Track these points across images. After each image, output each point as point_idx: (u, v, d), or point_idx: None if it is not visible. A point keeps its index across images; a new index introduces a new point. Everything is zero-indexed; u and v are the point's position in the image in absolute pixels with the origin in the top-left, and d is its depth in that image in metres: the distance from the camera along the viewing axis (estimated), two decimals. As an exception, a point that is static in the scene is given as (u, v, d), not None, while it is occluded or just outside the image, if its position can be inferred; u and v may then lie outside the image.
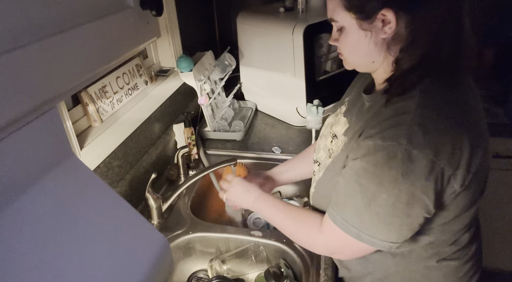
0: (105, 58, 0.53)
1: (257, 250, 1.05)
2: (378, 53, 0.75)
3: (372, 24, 0.72)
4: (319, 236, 0.83)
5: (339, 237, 0.77)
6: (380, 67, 0.78)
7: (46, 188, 0.48)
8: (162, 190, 1.31)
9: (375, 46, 0.74)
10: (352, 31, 0.75)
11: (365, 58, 0.78)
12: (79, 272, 0.46)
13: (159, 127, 1.38)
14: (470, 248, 0.87)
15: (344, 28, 0.76)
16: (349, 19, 0.74)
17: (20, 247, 0.42)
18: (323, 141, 0.96)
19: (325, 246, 0.84)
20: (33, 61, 0.40)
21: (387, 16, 0.70)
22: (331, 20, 0.79)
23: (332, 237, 0.79)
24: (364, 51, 0.76)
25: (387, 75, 0.77)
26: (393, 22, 0.70)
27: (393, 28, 0.71)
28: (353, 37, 0.76)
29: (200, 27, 1.87)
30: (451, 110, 0.71)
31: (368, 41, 0.74)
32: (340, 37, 0.79)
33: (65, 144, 0.53)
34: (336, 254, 0.84)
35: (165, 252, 0.58)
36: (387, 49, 0.74)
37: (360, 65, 0.81)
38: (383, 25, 0.71)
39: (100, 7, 0.52)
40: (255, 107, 1.82)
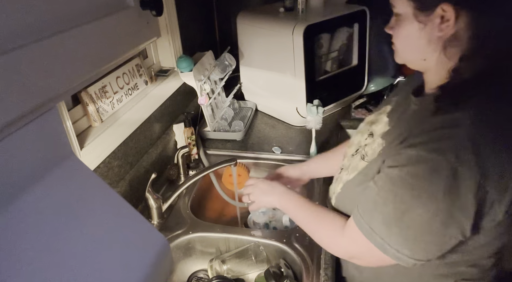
0: (105, 58, 0.53)
1: (257, 250, 1.05)
2: (432, 52, 0.70)
3: (428, 18, 0.67)
4: (341, 239, 0.80)
5: (361, 244, 0.74)
6: (433, 68, 0.73)
7: (46, 188, 0.48)
8: (162, 190, 1.31)
9: (428, 43, 0.69)
10: (407, 21, 0.71)
11: (415, 54, 0.73)
12: (79, 272, 0.46)
13: (159, 127, 1.38)
14: (491, 272, 0.82)
15: (401, 16, 0.72)
16: (407, 7, 0.69)
17: (21, 247, 0.42)
18: (359, 137, 0.93)
19: (345, 250, 0.82)
20: (33, 61, 0.40)
21: (447, 13, 0.65)
22: (392, 5, 0.74)
23: (355, 242, 0.76)
24: (415, 45, 0.71)
25: (441, 79, 0.72)
26: (452, 19, 0.65)
27: (451, 27, 0.65)
28: (406, 27, 0.71)
29: (200, 27, 1.87)
30: (507, 130, 0.65)
31: (420, 35, 0.69)
32: (395, 26, 0.74)
33: (65, 144, 0.53)
34: (355, 259, 0.82)
35: (165, 252, 0.58)
36: (442, 50, 0.69)
37: (411, 61, 0.76)
38: (441, 22, 0.66)
39: (100, 7, 0.52)
40: (255, 107, 1.82)
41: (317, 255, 1.02)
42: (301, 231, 1.08)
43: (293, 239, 1.06)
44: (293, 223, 1.28)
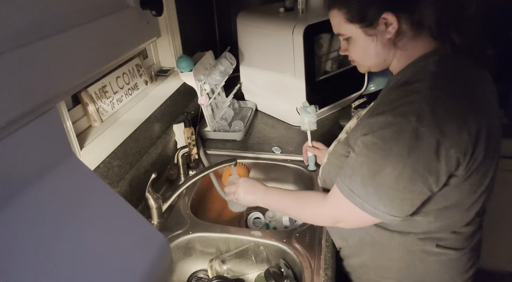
0: (105, 58, 0.53)
1: (257, 250, 1.05)
2: (387, 52, 0.82)
3: (376, 29, 0.79)
4: (323, 206, 0.88)
5: (343, 205, 0.81)
6: (393, 62, 0.84)
7: (46, 188, 0.48)
8: (162, 190, 1.31)
9: (383, 47, 0.81)
10: (359, 39, 0.82)
11: (377, 59, 0.84)
12: (79, 271, 0.46)
13: (159, 127, 1.38)
14: (471, 241, 0.89)
15: (351, 38, 0.84)
16: (354, 30, 0.81)
17: (21, 247, 0.42)
18: (349, 123, 1.02)
19: (329, 215, 0.88)
20: (33, 61, 0.39)
21: (389, 19, 0.76)
22: (338, 34, 0.86)
23: (336, 205, 0.84)
24: (374, 53, 0.83)
25: (402, 65, 0.83)
26: (395, 22, 0.76)
27: (396, 28, 0.77)
28: (361, 44, 0.83)
29: (200, 27, 1.87)
30: (460, 93, 0.75)
31: (375, 44, 0.81)
32: (349, 47, 0.86)
33: (65, 144, 0.53)
34: (340, 223, 0.87)
35: (165, 252, 0.58)
36: (394, 46, 0.80)
37: (374, 66, 0.87)
38: (386, 27, 0.78)
39: (100, 7, 0.52)
40: (255, 107, 1.82)
41: (317, 255, 1.02)
42: (301, 231, 1.08)
43: (293, 239, 1.06)
44: (293, 223, 1.28)
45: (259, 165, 1.48)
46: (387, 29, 0.77)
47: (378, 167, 0.74)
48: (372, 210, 0.77)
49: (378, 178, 0.74)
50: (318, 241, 1.06)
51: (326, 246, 1.04)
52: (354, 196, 0.78)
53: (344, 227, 0.89)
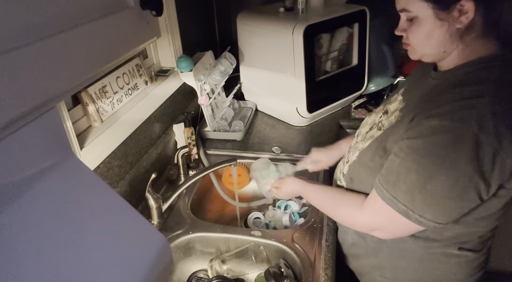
0: (105, 58, 0.53)
1: (257, 250, 1.05)
2: (451, 43, 0.75)
3: (449, 14, 0.72)
4: (361, 212, 0.84)
5: (383, 213, 0.78)
6: (451, 55, 0.77)
7: (46, 188, 0.48)
8: (162, 190, 1.31)
9: (449, 36, 0.74)
10: (427, 21, 0.74)
11: (437, 48, 0.77)
12: (79, 272, 0.46)
13: (159, 127, 1.38)
14: (487, 242, 0.89)
15: (417, 18, 0.75)
16: (425, 9, 0.73)
17: (20, 247, 0.42)
18: (373, 117, 0.97)
19: (366, 222, 0.85)
20: (33, 61, 0.39)
21: (465, 6, 0.70)
22: (402, 10, 0.78)
23: (376, 212, 0.80)
24: (437, 41, 0.75)
25: (457, 63, 0.77)
26: (471, 12, 0.70)
27: (470, 18, 0.70)
28: (427, 27, 0.75)
29: (200, 27, 1.87)
30: None
31: (443, 31, 0.74)
32: (411, 27, 0.77)
33: (65, 144, 0.53)
34: (377, 231, 0.84)
35: (165, 252, 0.58)
36: (460, 39, 0.74)
37: (430, 55, 0.79)
38: (460, 15, 0.71)
39: (100, 7, 0.52)
40: (255, 107, 1.82)
41: (317, 255, 1.02)
42: (301, 231, 1.08)
43: (293, 239, 1.06)
44: (293, 223, 1.28)
45: (259, 165, 1.47)
46: (460, 17, 0.71)
47: (431, 174, 0.70)
48: (417, 218, 0.73)
49: (429, 186, 0.70)
50: (318, 241, 1.06)
51: (326, 246, 1.04)
52: (398, 203, 0.74)
53: (382, 236, 0.85)
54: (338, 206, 0.92)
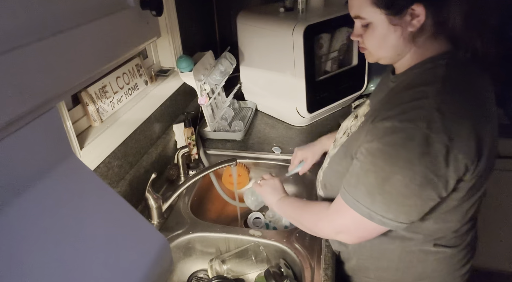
0: (105, 58, 0.53)
1: (257, 250, 1.05)
2: (404, 46, 0.78)
3: (401, 19, 0.74)
4: (326, 217, 0.85)
5: (346, 215, 0.79)
6: (405, 57, 0.80)
7: (46, 188, 0.48)
8: (162, 190, 1.31)
9: (402, 40, 0.77)
10: (380, 27, 0.77)
11: (391, 51, 0.80)
12: (79, 272, 0.46)
13: (159, 127, 1.38)
14: (466, 238, 0.90)
15: (371, 24, 0.78)
16: (378, 15, 0.76)
17: (20, 247, 0.42)
18: (346, 122, 1.00)
19: (331, 226, 0.85)
20: (33, 61, 0.39)
21: (416, 10, 0.72)
22: (356, 17, 0.80)
23: (339, 215, 0.82)
24: (391, 45, 0.78)
25: (410, 64, 0.80)
26: (422, 15, 0.72)
27: (422, 21, 0.73)
28: (381, 33, 0.77)
29: (200, 27, 1.87)
30: (468, 99, 0.73)
31: (396, 35, 0.76)
32: (366, 33, 0.80)
33: (65, 144, 0.53)
34: (342, 234, 0.85)
35: (165, 252, 0.58)
36: (412, 41, 0.76)
37: (385, 58, 0.83)
38: (412, 19, 0.73)
39: (100, 7, 0.52)
40: (255, 107, 1.82)
41: (317, 255, 1.02)
42: (301, 231, 1.08)
43: (293, 239, 1.06)
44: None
45: (259, 165, 1.48)
46: (412, 21, 0.73)
47: (387, 175, 0.72)
48: (380, 219, 0.74)
49: (387, 186, 0.72)
50: (318, 241, 1.06)
51: (326, 246, 1.04)
52: (360, 206, 0.76)
53: (346, 240, 0.86)
54: (303, 213, 0.94)
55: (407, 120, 0.70)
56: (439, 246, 0.86)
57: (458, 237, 0.88)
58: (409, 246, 0.87)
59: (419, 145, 0.68)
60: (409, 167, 0.69)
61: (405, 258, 0.89)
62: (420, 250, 0.87)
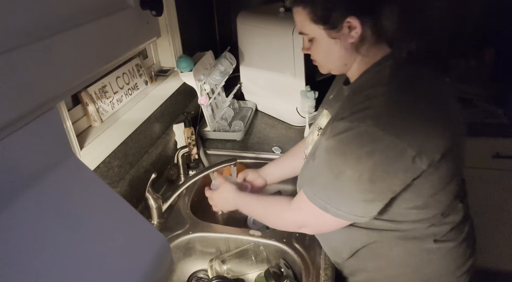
0: (105, 58, 0.53)
1: (257, 250, 1.05)
2: (349, 56, 0.82)
3: (340, 32, 0.79)
4: (287, 211, 0.90)
5: (307, 209, 0.83)
6: (353, 67, 0.85)
7: (46, 188, 0.48)
8: (162, 190, 1.31)
9: (345, 51, 0.81)
10: (322, 41, 0.82)
11: (338, 62, 0.85)
12: (79, 272, 0.46)
13: (159, 127, 1.38)
14: (463, 229, 0.91)
15: (315, 38, 0.83)
16: (318, 31, 0.81)
17: (20, 247, 0.42)
18: (311, 136, 1.02)
19: (292, 219, 0.90)
20: (33, 61, 0.39)
21: (352, 23, 0.77)
22: (301, 33, 0.86)
23: (300, 208, 0.86)
24: (336, 56, 0.83)
25: (360, 71, 0.84)
26: (358, 27, 0.77)
27: (359, 32, 0.77)
28: (324, 46, 0.83)
29: (200, 27, 1.87)
30: (417, 94, 0.77)
31: (338, 47, 0.81)
32: (311, 47, 0.86)
33: (65, 144, 0.53)
34: (304, 228, 0.89)
35: (165, 252, 0.58)
36: (356, 51, 0.81)
37: (334, 68, 0.87)
38: (350, 31, 0.78)
39: (100, 7, 0.52)
40: (255, 107, 1.82)
41: (317, 255, 1.02)
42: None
43: (293, 239, 1.07)
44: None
45: (259, 165, 1.47)
46: (350, 33, 0.78)
47: (339, 171, 0.75)
48: (335, 211, 0.78)
49: (339, 181, 0.76)
50: (318, 241, 1.06)
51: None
52: (317, 198, 0.80)
53: (308, 232, 0.91)
54: (266, 208, 0.98)
55: (357, 119, 0.74)
56: (439, 241, 0.87)
57: (454, 230, 0.88)
58: (411, 248, 0.87)
59: (367, 142, 0.72)
60: (359, 163, 0.73)
61: (411, 262, 0.89)
62: (422, 250, 0.87)
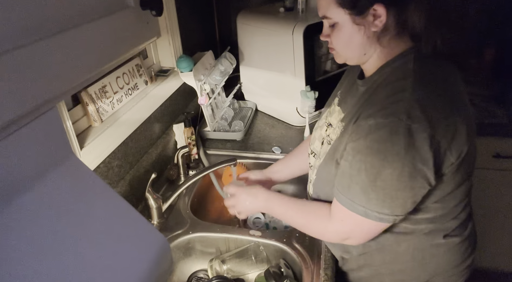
0: (105, 58, 0.53)
1: (257, 250, 1.05)
2: (370, 45, 0.81)
3: (364, 19, 0.77)
4: (329, 223, 0.85)
5: (348, 219, 0.80)
6: (371, 58, 0.83)
7: (46, 188, 0.48)
8: (162, 190, 1.31)
9: (367, 39, 0.80)
10: (345, 27, 0.80)
11: (357, 51, 0.82)
12: (79, 272, 0.46)
13: (159, 127, 1.38)
14: (467, 225, 0.92)
15: (337, 24, 0.81)
16: (343, 15, 0.79)
17: (21, 247, 0.42)
18: (318, 131, 1.00)
19: (336, 232, 0.86)
20: (33, 61, 0.39)
21: (378, 11, 0.75)
22: (323, 17, 0.83)
23: (342, 220, 0.82)
24: (357, 44, 0.81)
25: (378, 64, 0.83)
26: (383, 16, 0.76)
27: (384, 21, 0.76)
28: (346, 32, 0.80)
29: (200, 27, 1.87)
30: (442, 88, 0.77)
31: (361, 35, 0.79)
32: (332, 33, 0.83)
33: (65, 144, 0.53)
34: (348, 239, 0.85)
35: (165, 252, 0.58)
36: (377, 41, 0.80)
37: (352, 58, 0.85)
38: (374, 19, 0.77)
39: (100, 7, 0.52)
40: (255, 107, 1.82)
41: (317, 255, 1.02)
42: (301, 231, 1.08)
43: (293, 239, 1.07)
44: (293, 223, 1.28)
45: (259, 165, 1.47)
46: (375, 21, 0.77)
47: (377, 170, 0.73)
48: (377, 216, 0.76)
49: (378, 182, 0.73)
50: (318, 241, 1.06)
51: (326, 246, 1.04)
52: (356, 205, 0.77)
53: (353, 243, 0.87)
54: (308, 220, 0.91)
55: (389, 115, 0.72)
56: (447, 236, 0.87)
57: (461, 226, 0.89)
58: (419, 243, 0.87)
59: (404, 137, 0.70)
60: (397, 160, 0.71)
61: (417, 256, 0.89)
62: (430, 245, 0.88)
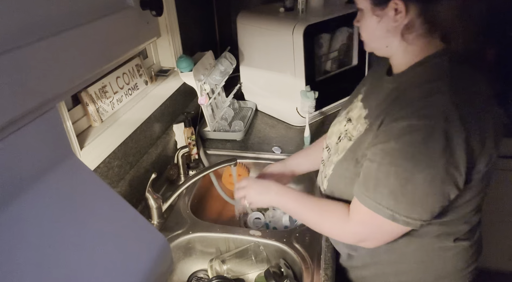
0: (105, 58, 0.53)
1: (257, 250, 1.05)
2: (392, 39, 0.79)
3: (384, 11, 0.76)
4: (347, 224, 0.82)
5: (370, 222, 0.77)
6: (397, 53, 0.81)
7: (46, 188, 0.48)
8: (162, 190, 1.31)
9: (387, 32, 0.78)
10: (367, 15, 0.80)
11: (379, 42, 0.82)
12: (79, 272, 0.46)
13: (159, 127, 1.38)
14: (477, 230, 0.90)
15: (362, 10, 0.81)
16: (365, 3, 0.79)
17: (20, 247, 0.42)
18: (337, 127, 0.98)
19: (354, 234, 0.83)
20: (33, 61, 0.39)
21: (399, 6, 0.74)
22: (354, 1, 0.83)
23: (362, 222, 0.80)
24: (377, 35, 0.81)
25: (409, 62, 0.80)
26: (403, 11, 0.74)
27: (404, 17, 0.75)
28: (367, 21, 0.81)
29: (200, 27, 1.87)
30: (476, 92, 0.76)
31: (380, 27, 0.78)
32: (361, 19, 0.83)
33: (65, 144, 0.53)
34: (365, 242, 0.83)
35: (165, 252, 0.58)
36: (401, 37, 0.78)
37: (375, 48, 0.85)
38: (395, 14, 0.75)
39: (100, 7, 0.52)
40: (255, 107, 1.82)
41: (317, 255, 1.02)
42: (301, 231, 1.08)
43: (293, 239, 1.06)
44: (293, 223, 1.28)
45: (259, 165, 1.47)
46: (395, 16, 0.75)
47: (409, 175, 0.70)
48: (405, 220, 0.73)
49: (409, 186, 0.71)
50: (318, 241, 1.06)
51: (326, 246, 1.04)
52: (382, 208, 0.74)
53: (369, 246, 0.84)
54: (323, 219, 0.88)
55: (424, 117, 0.70)
56: (457, 240, 0.86)
57: (471, 230, 0.88)
58: (428, 244, 0.86)
59: (439, 141, 0.68)
60: (432, 164, 0.69)
61: (425, 257, 0.88)
62: (440, 248, 0.86)
